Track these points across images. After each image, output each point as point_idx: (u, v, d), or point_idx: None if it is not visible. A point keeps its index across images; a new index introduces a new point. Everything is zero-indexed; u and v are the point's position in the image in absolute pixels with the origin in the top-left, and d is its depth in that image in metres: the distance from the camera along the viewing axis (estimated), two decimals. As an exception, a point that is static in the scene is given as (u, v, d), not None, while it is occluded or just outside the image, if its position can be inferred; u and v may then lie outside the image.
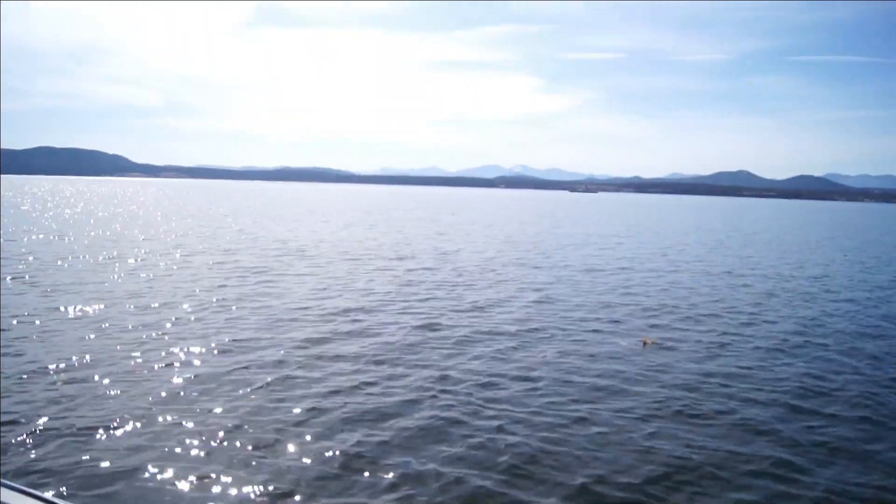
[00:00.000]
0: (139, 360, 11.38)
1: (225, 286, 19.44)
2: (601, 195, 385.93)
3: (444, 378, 10.84)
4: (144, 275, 21.38)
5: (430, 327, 14.66)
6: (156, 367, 11.06)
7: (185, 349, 12.23)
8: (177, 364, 11.31)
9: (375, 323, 15.01)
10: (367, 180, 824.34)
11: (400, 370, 11.27)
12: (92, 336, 12.96)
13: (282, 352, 12.15)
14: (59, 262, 23.64)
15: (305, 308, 16.44)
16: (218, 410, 9.14)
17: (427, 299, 18.22)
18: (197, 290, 18.58)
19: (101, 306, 15.91)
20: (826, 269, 28.57)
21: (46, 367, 10.78)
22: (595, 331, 14.78)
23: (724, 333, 14.91)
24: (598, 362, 12.10)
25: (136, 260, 25.13)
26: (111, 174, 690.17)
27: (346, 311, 16.24)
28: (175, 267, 23.46)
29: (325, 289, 19.50)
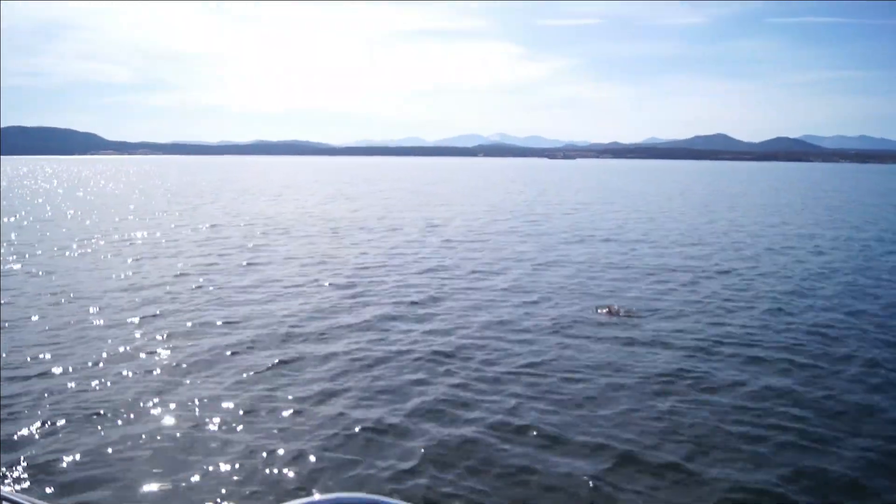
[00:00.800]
0: (137, 345, 11.21)
1: (216, 264, 19.19)
2: (580, 161, 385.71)
3: (451, 351, 10.80)
4: (136, 258, 21.03)
5: (433, 299, 14.57)
6: (158, 349, 10.90)
7: (184, 329, 12.08)
8: (175, 345, 11.16)
9: (376, 295, 14.89)
10: (346, 152, 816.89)
11: (405, 343, 11.18)
12: (90, 318, 12.76)
13: (285, 329, 12.02)
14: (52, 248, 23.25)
15: (300, 285, 16.26)
16: (225, 391, 9.03)
17: (424, 270, 18.11)
18: (189, 269, 18.34)
19: (95, 291, 15.67)
20: (815, 230, 28.78)
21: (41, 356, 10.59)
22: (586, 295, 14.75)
23: (727, 300, 14.93)
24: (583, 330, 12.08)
25: (123, 243, 24.73)
26: (84, 153, 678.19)
27: (346, 285, 16.08)
28: (163, 246, 23.13)
29: (320, 263, 19.31)
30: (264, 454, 7.21)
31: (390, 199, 48.55)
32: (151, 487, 6.56)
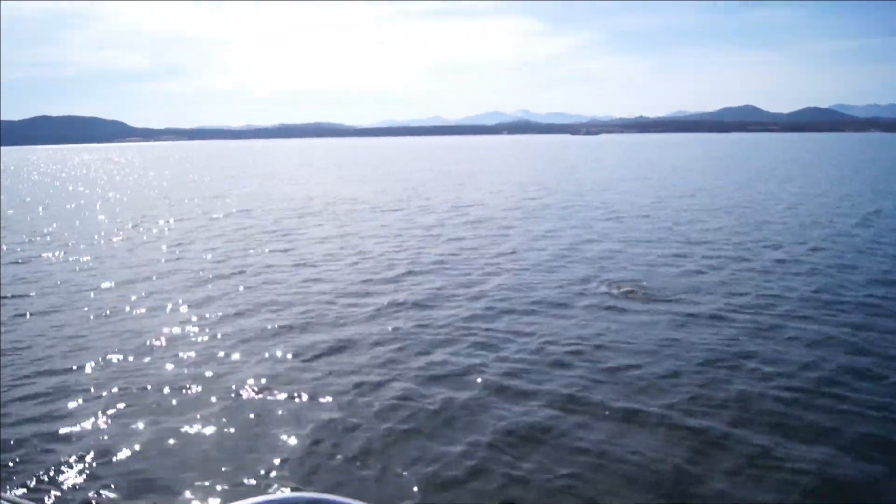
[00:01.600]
0: (182, 328, 11.16)
1: (253, 249, 19.13)
2: (603, 137, 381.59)
3: (503, 330, 10.62)
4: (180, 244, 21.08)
5: (467, 284, 14.32)
6: (204, 332, 10.85)
7: (225, 310, 12.06)
8: (215, 325, 11.15)
9: (421, 283, 14.69)
10: (369, 133, 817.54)
11: (456, 326, 11.00)
12: (132, 297, 12.76)
13: (334, 314, 11.90)
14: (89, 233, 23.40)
15: (348, 269, 16.14)
16: (255, 374, 8.94)
17: (469, 258, 17.84)
18: (232, 252, 18.36)
19: (132, 274, 15.72)
20: (856, 200, 28.04)
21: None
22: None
23: (781, 278, 14.55)
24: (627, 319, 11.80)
25: (166, 228, 24.83)
26: (111, 140, 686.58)
27: (402, 275, 15.86)
28: (199, 231, 23.16)
29: (360, 252, 19.13)
30: (327, 442, 7.09)
31: (423, 180, 48.27)
32: (199, 478, 6.45)
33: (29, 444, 7.09)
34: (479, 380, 8.67)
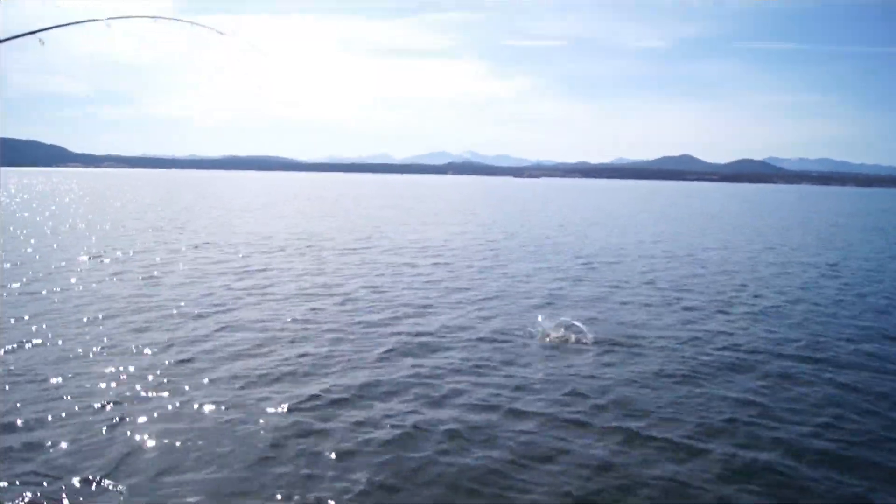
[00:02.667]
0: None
1: (227, 287, 18.67)
2: (546, 180, 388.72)
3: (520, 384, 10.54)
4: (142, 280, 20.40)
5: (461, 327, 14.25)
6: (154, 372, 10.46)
7: (204, 350, 11.68)
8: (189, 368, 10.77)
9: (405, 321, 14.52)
10: (316, 168, 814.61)
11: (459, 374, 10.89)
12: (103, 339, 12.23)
13: (324, 358, 11.64)
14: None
15: (321, 309, 15.87)
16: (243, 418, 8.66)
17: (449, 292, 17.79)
18: (203, 289, 17.83)
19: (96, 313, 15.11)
20: (808, 252, 29.10)
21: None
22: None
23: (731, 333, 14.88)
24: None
25: (111, 260, 24.04)
26: (49, 165, 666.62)
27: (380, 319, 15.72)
28: (164, 266, 22.49)
29: (336, 287, 18.87)
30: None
31: (385, 217, 48.14)
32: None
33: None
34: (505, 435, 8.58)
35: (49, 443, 7.89)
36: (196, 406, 9.16)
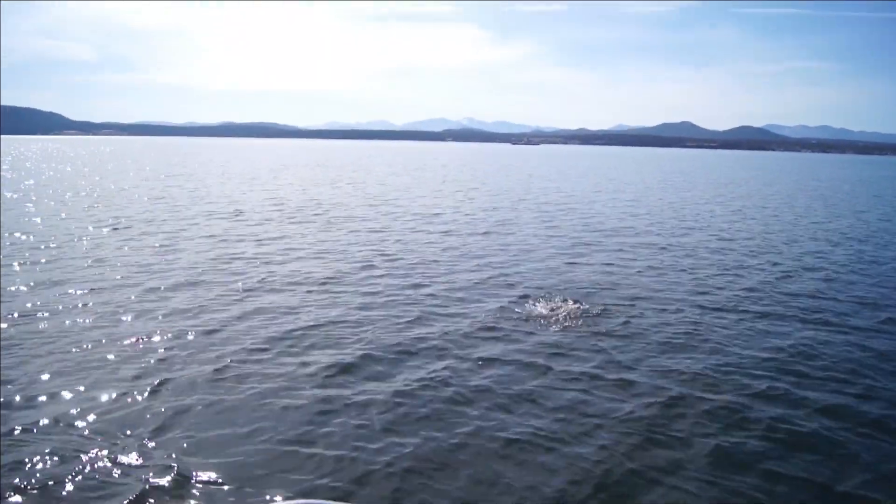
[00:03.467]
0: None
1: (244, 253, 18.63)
2: (545, 147, 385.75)
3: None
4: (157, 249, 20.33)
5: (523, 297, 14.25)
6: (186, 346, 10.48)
7: (224, 317, 11.67)
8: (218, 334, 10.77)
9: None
10: (314, 135, 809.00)
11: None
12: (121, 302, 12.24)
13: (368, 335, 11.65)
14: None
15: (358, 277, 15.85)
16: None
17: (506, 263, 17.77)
18: (224, 259, 17.79)
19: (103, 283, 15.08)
20: (816, 218, 29.04)
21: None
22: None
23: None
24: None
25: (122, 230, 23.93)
26: (48, 132, 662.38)
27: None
28: (187, 233, 22.40)
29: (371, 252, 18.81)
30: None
31: (398, 185, 47.96)
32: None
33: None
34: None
35: (77, 410, 7.96)
36: (230, 374, 9.23)
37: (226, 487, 6.35)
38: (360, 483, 6.48)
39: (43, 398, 8.25)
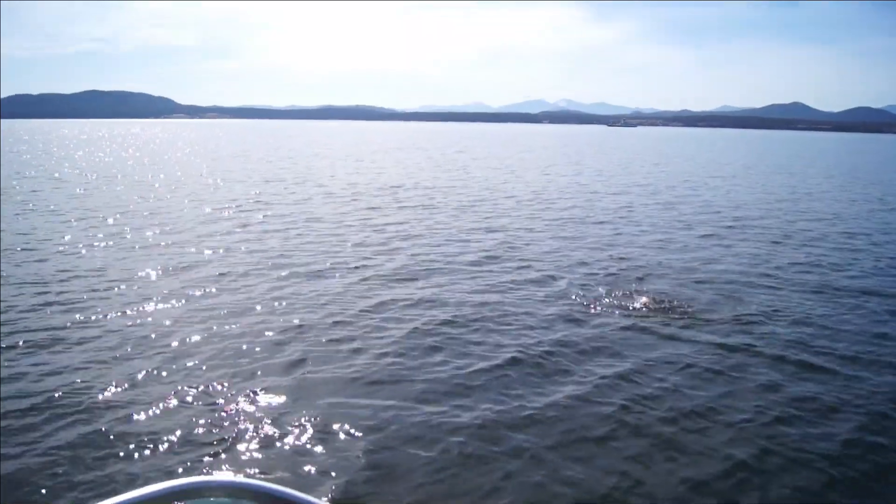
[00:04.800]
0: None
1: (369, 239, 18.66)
2: (641, 129, 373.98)
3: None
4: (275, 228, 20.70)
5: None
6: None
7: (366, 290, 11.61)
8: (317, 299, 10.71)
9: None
10: (411, 117, 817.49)
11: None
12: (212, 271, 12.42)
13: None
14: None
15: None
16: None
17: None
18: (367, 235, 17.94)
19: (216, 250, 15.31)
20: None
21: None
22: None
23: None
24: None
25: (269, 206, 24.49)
26: (158, 116, 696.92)
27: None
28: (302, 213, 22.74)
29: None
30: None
31: (517, 167, 47.66)
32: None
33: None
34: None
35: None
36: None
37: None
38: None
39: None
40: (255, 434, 6.99)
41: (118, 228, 19.65)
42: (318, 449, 6.72)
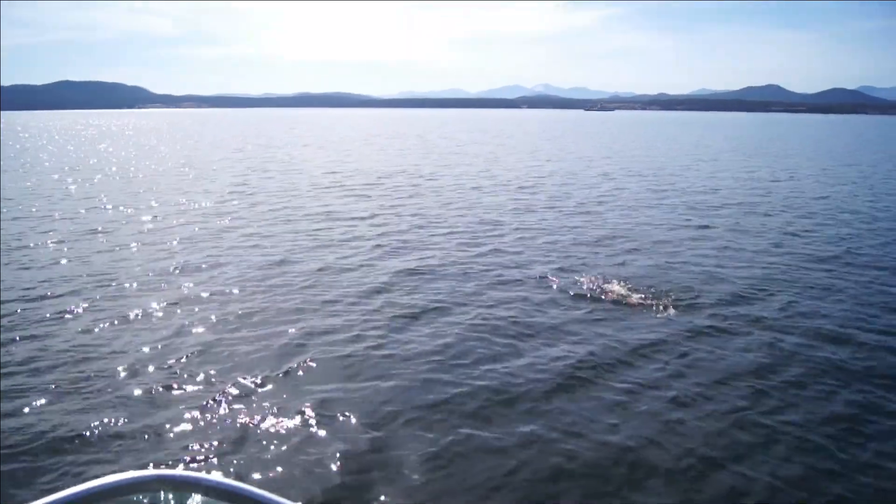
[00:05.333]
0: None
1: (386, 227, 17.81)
2: (621, 113, 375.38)
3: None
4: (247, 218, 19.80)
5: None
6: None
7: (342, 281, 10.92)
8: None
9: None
10: (389, 104, 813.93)
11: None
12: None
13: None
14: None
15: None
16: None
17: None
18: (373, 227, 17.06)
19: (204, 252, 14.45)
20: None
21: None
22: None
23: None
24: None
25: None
26: (132, 106, 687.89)
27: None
28: (289, 205, 21.84)
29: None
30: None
31: (496, 152, 47.14)
32: None
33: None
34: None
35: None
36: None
37: None
38: None
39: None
40: (240, 428, 6.81)
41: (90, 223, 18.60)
42: (301, 446, 6.46)
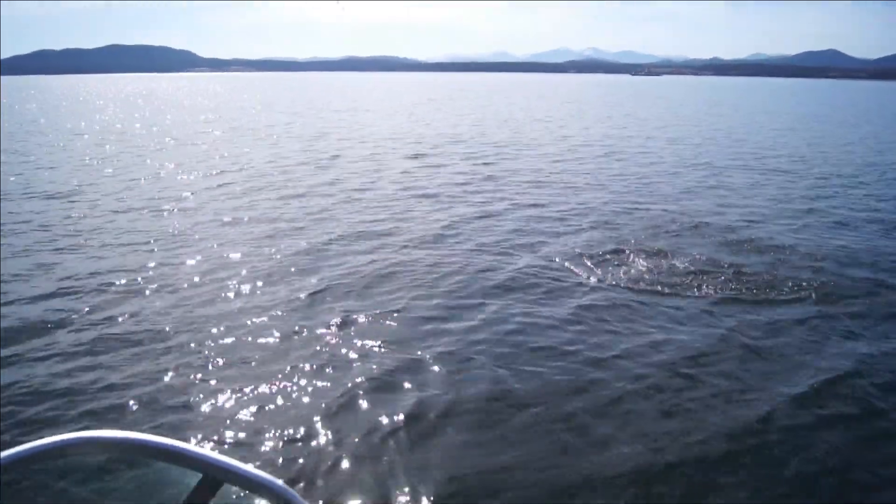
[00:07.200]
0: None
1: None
2: (666, 79, 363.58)
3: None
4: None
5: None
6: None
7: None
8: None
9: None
10: (434, 68, 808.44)
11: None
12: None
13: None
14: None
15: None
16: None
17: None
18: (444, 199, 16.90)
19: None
20: None
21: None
22: None
23: None
24: None
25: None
26: (180, 70, 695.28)
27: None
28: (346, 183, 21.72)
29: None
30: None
31: (561, 118, 46.38)
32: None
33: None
34: None
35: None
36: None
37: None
38: None
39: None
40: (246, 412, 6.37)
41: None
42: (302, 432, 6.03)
